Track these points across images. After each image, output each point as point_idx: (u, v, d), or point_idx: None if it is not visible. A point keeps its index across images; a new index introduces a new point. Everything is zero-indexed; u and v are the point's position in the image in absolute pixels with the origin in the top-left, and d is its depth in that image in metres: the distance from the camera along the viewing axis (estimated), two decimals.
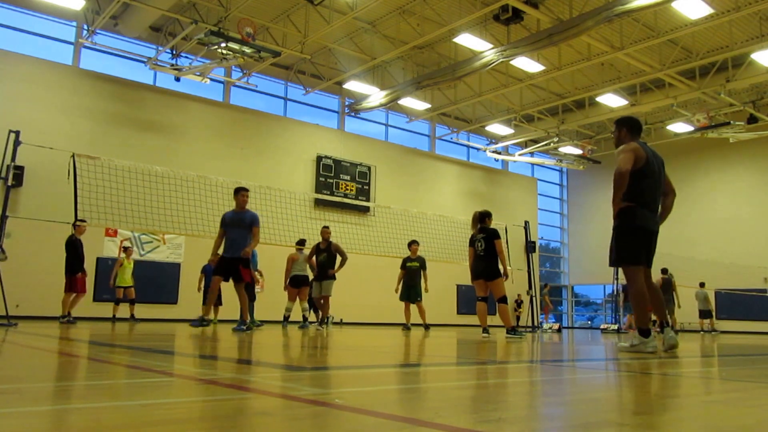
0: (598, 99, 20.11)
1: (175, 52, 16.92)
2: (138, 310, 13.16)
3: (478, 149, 24.99)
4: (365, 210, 20.73)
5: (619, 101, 19.93)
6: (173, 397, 2.07)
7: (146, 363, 3.47)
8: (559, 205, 30.04)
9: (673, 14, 14.92)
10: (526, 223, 16.38)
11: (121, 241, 16.15)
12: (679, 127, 21.62)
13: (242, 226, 8.07)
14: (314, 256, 10.71)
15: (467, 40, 16.03)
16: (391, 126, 23.67)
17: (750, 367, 4.27)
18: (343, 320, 18.06)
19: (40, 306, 13.94)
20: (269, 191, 13.98)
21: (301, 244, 11.54)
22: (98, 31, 16.37)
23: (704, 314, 19.57)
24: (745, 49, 16.33)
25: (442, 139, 24.90)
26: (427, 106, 20.97)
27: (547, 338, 9.87)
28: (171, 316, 15.73)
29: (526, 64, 17.33)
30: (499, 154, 24.77)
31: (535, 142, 24.72)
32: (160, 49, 16.74)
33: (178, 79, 16.76)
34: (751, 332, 20.70)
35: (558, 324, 22.91)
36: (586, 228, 27.96)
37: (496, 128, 23.38)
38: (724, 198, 24.19)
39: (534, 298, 15.39)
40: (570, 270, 29.41)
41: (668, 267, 15.95)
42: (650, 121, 22.61)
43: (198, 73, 16.52)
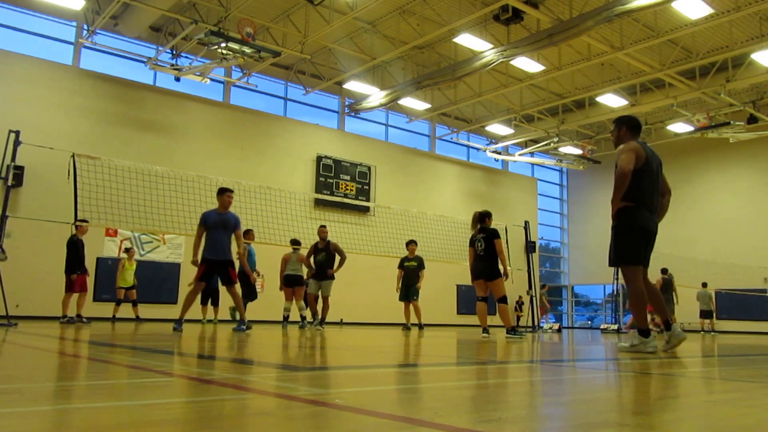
0: (598, 99, 20.11)
1: (175, 52, 16.92)
2: (139, 310, 13.16)
3: (478, 149, 24.99)
4: (365, 210, 20.74)
5: (619, 101, 19.93)
6: (173, 397, 2.07)
7: (146, 363, 3.47)
8: (559, 205, 30.04)
9: (673, 14, 14.91)
10: (526, 223, 16.36)
11: (121, 241, 16.15)
12: (679, 127, 21.62)
13: (227, 228, 7.87)
14: (311, 256, 10.70)
15: (467, 40, 16.03)
16: (391, 126, 23.68)
17: (750, 367, 4.27)
18: (343, 320, 18.06)
19: (40, 306, 13.95)
20: (269, 191, 13.98)
21: (295, 244, 11.55)
22: (98, 31, 16.37)
23: (705, 314, 19.58)
24: (745, 49, 16.33)
25: (442, 139, 24.90)
26: (427, 106, 20.97)
27: (547, 338, 9.87)
28: (171, 316, 15.68)
29: (526, 64, 17.33)
30: (499, 154, 24.77)
31: (535, 142, 24.72)
32: (160, 49, 16.74)
33: (178, 79, 16.76)
34: (751, 332, 20.70)
35: (558, 324, 22.91)
36: (586, 228, 27.96)
37: (496, 128, 23.38)
38: (724, 198, 24.19)
39: (534, 299, 15.38)
40: (570, 270, 29.41)
41: (668, 267, 15.96)
42: (650, 121, 22.61)
43: (198, 73, 16.53)
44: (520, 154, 25.17)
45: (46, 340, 5.52)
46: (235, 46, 14.09)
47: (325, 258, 10.52)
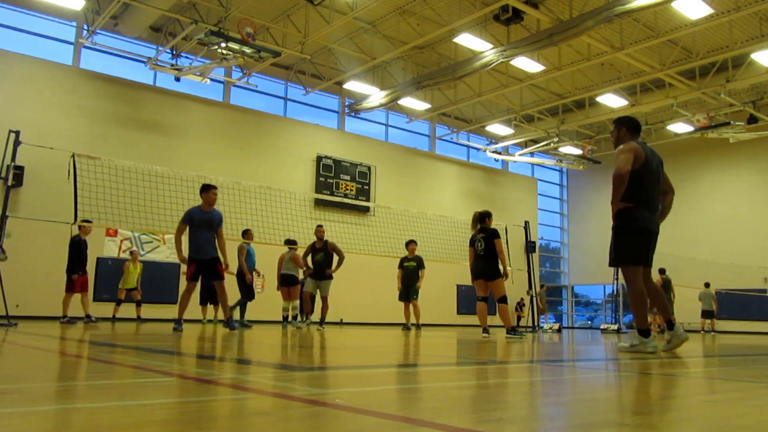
0: (598, 99, 20.11)
1: (175, 52, 16.92)
2: (141, 311, 13.17)
3: (478, 149, 24.99)
4: (365, 210, 20.74)
5: (619, 101, 19.93)
6: (173, 397, 2.07)
7: (146, 363, 3.47)
8: (559, 205, 30.04)
9: (673, 14, 14.91)
10: (526, 223, 16.36)
11: (121, 241, 16.15)
12: (679, 128, 21.62)
13: (212, 226, 7.87)
14: (309, 256, 10.69)
15: (467, 40, 16.04)
16: (391, 126, 23.69)
17: (750, 367, 4.27)
18: (343, 320, 18.06)
19: (40, 306, 13.95)
20: (269, 191, 13.97)
21: (290, 243, 11.54)
22: (98, 31, 16.37)
23: (706, 314, 19.59)
24: (745, 49, 16.33)
25: (442, 139, 24.90)
26: (427, 106, 20.97)
27: (547, 338, 9.87)
28: (171, 316, 15.68)
29: (526, 64, 17.33)
30: (499, 154, 24.77)
31: (535, 142, 24.72)
32: (160, 49, 16.74)
33: (178, 79, 16.76)
34: (751, 332, 20.70)
35: (558, 324, 22.91)
36: (586, 228, 27.96)
37: (496, 128, 23.38)
38: (724, 198, 24.19)
39: (534, 299, 15.39)
40: (570, 270, 29.41)
41: (668, 267, 15.94)
42: (650, 121, 22.61)
43: (198, 73, 16.52)
44: (520, 154, 25.17)
45: (46, 340, 5.52)
46: (235, 46, 14.09)
47: (324, 258, 10.51)
